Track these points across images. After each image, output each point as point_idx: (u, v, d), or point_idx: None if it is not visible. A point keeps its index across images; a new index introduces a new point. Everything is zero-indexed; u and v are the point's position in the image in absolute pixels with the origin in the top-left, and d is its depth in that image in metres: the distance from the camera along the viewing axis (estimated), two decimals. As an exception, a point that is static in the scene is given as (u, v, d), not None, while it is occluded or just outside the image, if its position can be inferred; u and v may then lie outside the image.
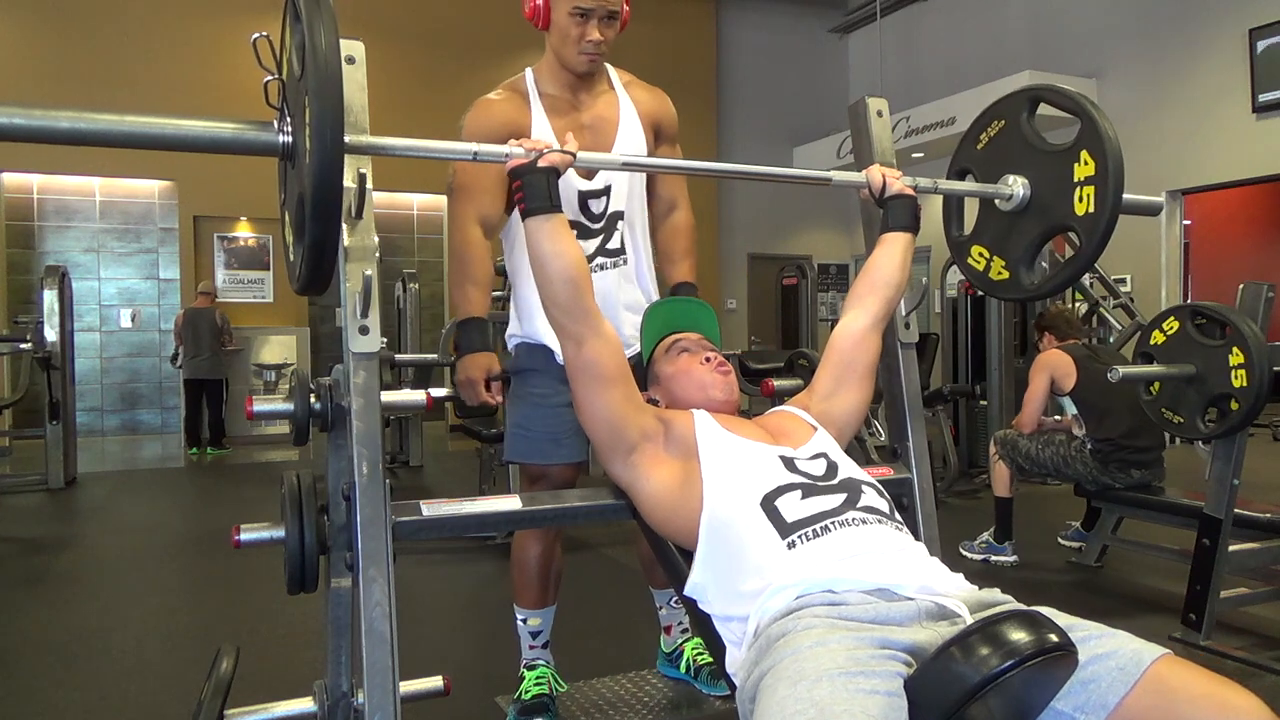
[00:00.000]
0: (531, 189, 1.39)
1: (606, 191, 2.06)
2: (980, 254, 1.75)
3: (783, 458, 1.43)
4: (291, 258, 1.32)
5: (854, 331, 1.64)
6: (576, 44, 1.97)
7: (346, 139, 1.16)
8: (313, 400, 1.39)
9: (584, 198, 2.04)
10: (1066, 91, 1.64)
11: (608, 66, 2.13)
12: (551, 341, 2.04)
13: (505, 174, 1.98)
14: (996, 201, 1.68)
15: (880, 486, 1.45)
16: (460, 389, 2.01)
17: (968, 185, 1.74)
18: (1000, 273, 1.71)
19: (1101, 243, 1.53)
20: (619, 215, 2.09)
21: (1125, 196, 1.56)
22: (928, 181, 1.68)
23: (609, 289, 2.05)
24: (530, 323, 2.06)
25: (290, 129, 1.22)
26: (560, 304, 1.44)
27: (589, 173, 2.04)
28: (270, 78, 1.27)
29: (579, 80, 2.05)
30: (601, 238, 2.07)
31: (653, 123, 2.14)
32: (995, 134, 1.74)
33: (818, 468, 1.43)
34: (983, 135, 1.76)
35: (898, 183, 1.65)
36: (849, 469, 1.45)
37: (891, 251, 1.66)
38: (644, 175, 2.15)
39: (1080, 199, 1.55)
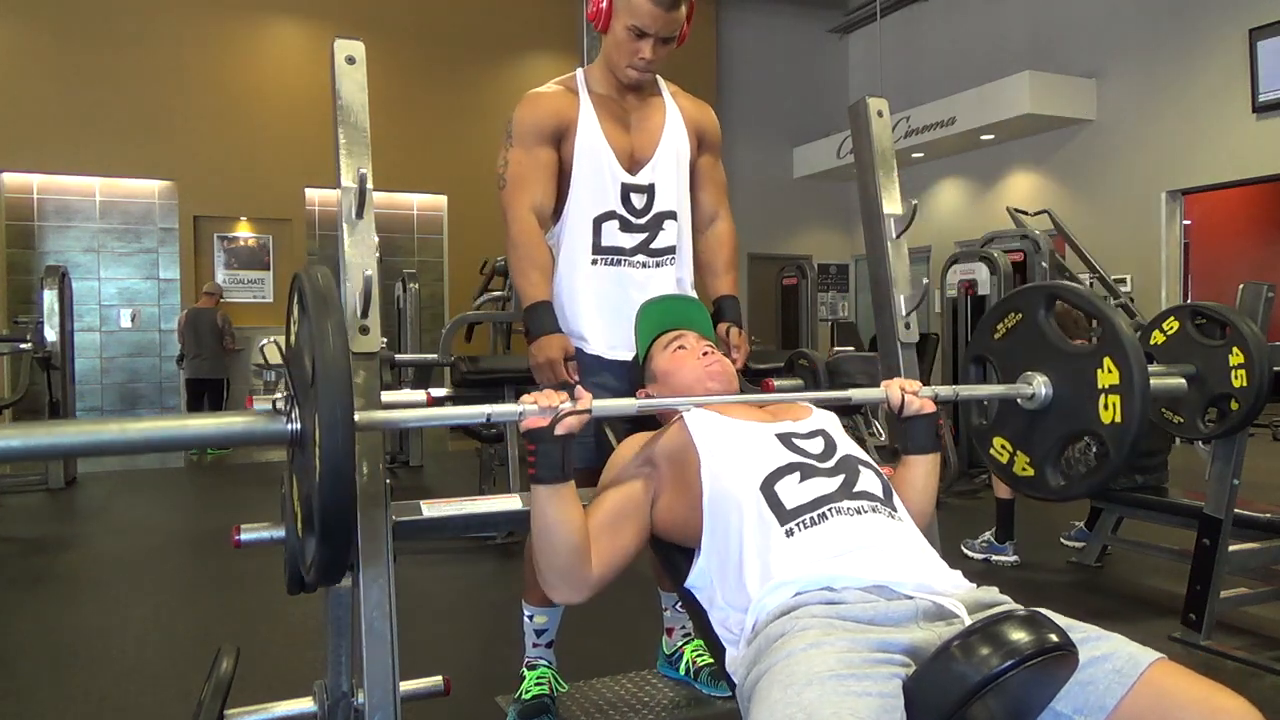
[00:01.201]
0: (545, 458, 1.32)
1: (650, 189, 2.07)
2: (1003, 447, 1.73)
3: (779, 435, 1.43)
4: (298, 543, 1.27)
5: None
6: (629, 58, 1.99)
7: (356, 417, 1.13)
8: (313, 401, 1.39)
9: (626, 190, 2.05)
10: (1082, 293, 1.63)
11: (657, 76, 2.16)
12: (585, 340, 2.05)
13: (554, 166, 2.02)
14: (1019, 400, 1.65)
15: (877, 466, 1.45)
16: (538, 371, 2.00)
17: (989, 389, 1.71)
18: (1025, 469, 1.68)
19: (1131, 452, 1.51)
20: (668, 215, 2.10)
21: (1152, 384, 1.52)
22: (948, 391, 1.61)
23: (650, 287, 2.06)
24: (566, 321, 2.07)
25: (298, 416, 1.20)
26: (559, 569, 1.36)
27: (633, 165, 2.05)
28: (279, 396, 1.26)
29: (628, 86, 2.07)
30: (647, 235, 2.08)
31: (697, 131, 2.16)
32: (1013, 326, 1.71)
33: (816, 445, 1.43)
34: (999, 326, 1.73)
35: (917, 400, 1.56)
36: (847, 447, 1.45)
37: (914, 480, 1.58)
38: (688, 178, 2.15)
39: (1105, 407, 1.52)
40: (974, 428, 1.82)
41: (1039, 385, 1.62)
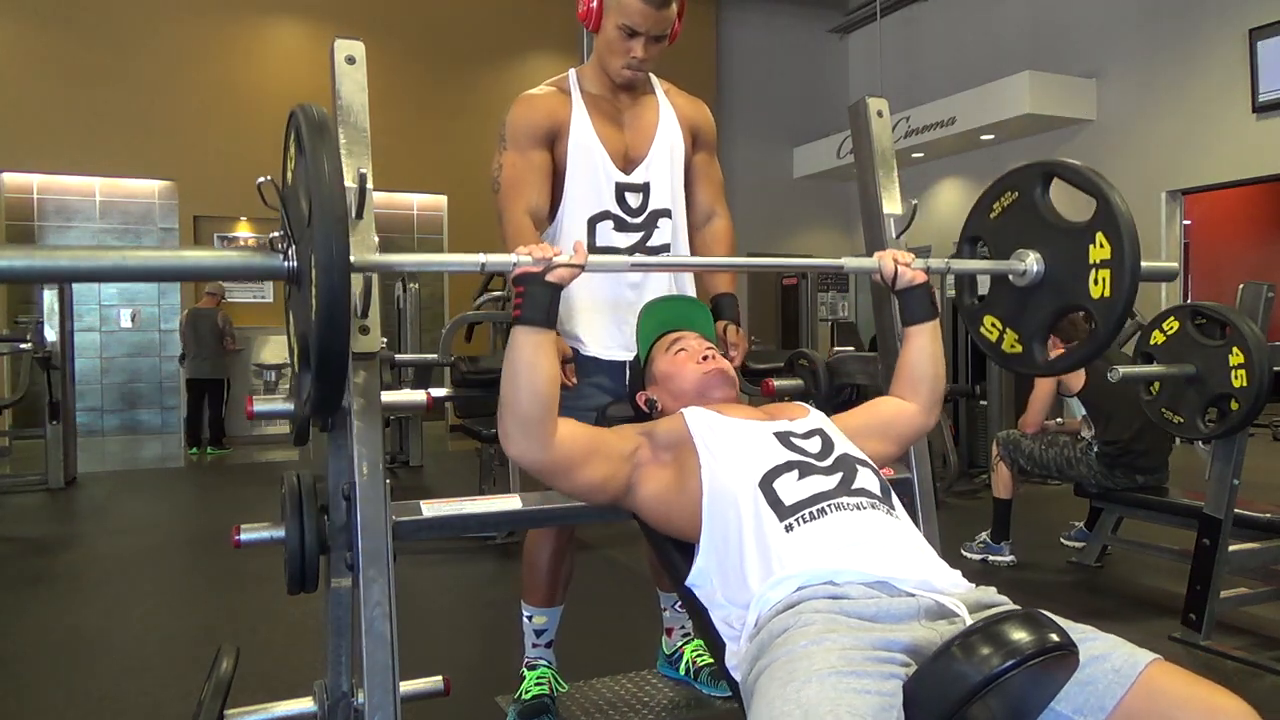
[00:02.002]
0: (532, 300, 1.34)
1: (645, 188, 2.08)
2: (993, 324, 1.73)
3: (777, 433, 1.44)
4: (297, 382, 1.29)
5: (905, 406, 1.63)
6: (620, 57, 2.00)
7: (352, 258, 1.14)
8: (313, 400, 1.39)
9: (621, 189, 2.06)
10: (1082, 170, 1.62)
11: (650, 75, 2.16)
12: (581, 341, 2.05)
13: (548, 168, 2.02)
14: (1010, 277, 1.66)
15: (874, 465, 1.45)
16: None
17: (980, 264, 1.72)
18: (1013, 346, 1.69)
19: (1118, 327, 1.52)
20: (663, 213, 2.10)
21: (1143, 265, 1.52)
22: (940, 263, 1.64)
23: (649, 286, 2.07)
24: (562, 323, 2.07)
25: (295, 254, 1.21)
26: (520, 415, 1.36)
27: (627, 164, 2.05)
28: (277, 234, 1.26)
29: (621, 85, 2.07)
30: (642, 234, 2.08)
31: (691, 129, 2.16)
32: (1008, 205, 1.71)
33: (813, 444, 1.43)
34: (995, 205, 1.73)
35: (909, 270, 1.59)
36: (843, 446, 1.45)
37: (919, 347, 1.61)
38: (682, 176, 2.15)
39: (1095, 282, 1.52)
40: (965, 308, 1.83)
41: (1031, 262, 1.62)
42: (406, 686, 1.63)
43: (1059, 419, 4.07)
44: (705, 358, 1.67)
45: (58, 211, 9.24)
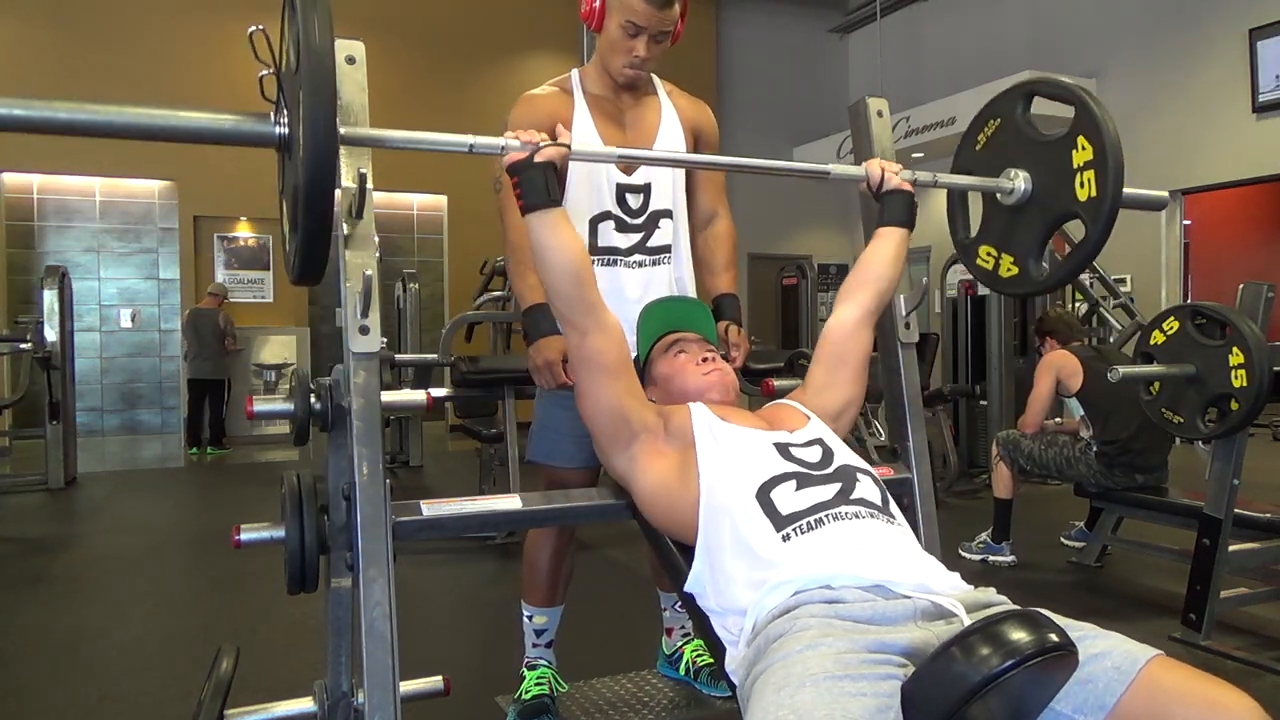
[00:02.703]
0: (529, 185, 1.40)
1: (646, 189, 2.08)
2: (988, 253, 1.75)
3: (777, 444, 1.44)
4: (287, 248, 1.33)
5: (845, 324, 1.65)
6: (624, 56, 1.99)
7: (341, 130, 1.17)
8: (313, 400, 1.39)
9: (621, 191, 2.06)
10: (1059, 81, 1.64)
11: (653, 75, 2.16)
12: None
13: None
14: (998, 196, 1.68)
15: (875, 474, 1.45)
16: (537, 373, 2.02)
17: (967, 180, 1.74)
18: (1009, 269, 1.71)
19: (1106, 226, 1.52)
20: (663, 214, 2.10)
21: (1128, 191, 1.55)
22: (927, 175, 1.68)
23: (651, 286, 2.07)
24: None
25: (286, 121, 1.23)
26: (563, 295, 1.46)
27: (628, 167, 2.06)
28: (265, 71, 1.27)
29: (623, 85, 2.08)
30: (643, 234, 2.08)
31: (693, 129, 2.16)
32: (993, 133, 1.73)
33: (812, 454, 1.43)
34: (980, 135, 1.76)
35: (895, 177, 1.65)
36: (844, 455, 1.45)
37: (885, 246, 1.67)
38: (684, 176, 2.16)
39: (1081, 184, 1.54)
40: (959, 243, 1.84)
41: (1019, 180, 1.64)
42: (406, 686, 1.63)
43: (1058, 419, 4.07)
44: (705, 359, 1.67)
45: (58, 211, 9.24)
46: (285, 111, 1.23)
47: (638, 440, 1.49)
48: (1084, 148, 1.54)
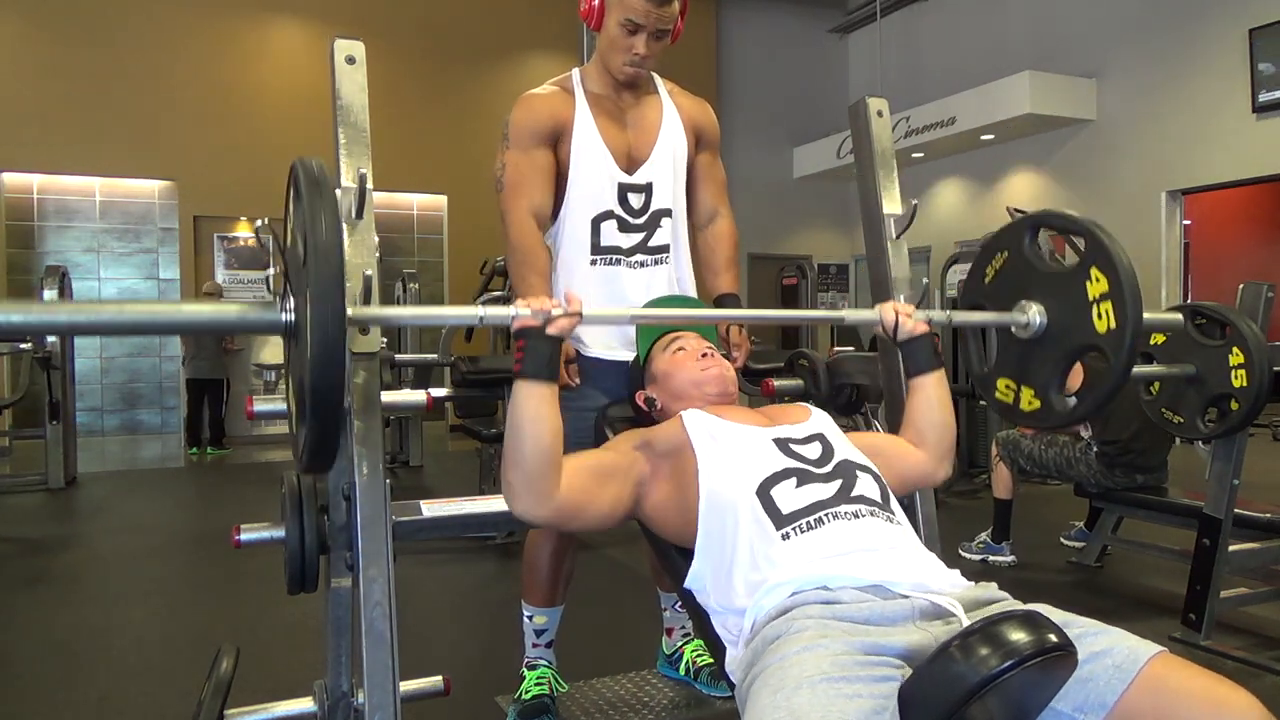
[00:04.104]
0: (533, 354, 1.32)
1: (648, 188, 2.07)
2: (1007, 386, 1.72)
3: (777, 440, 1.43)
4: (293, 432, 1.28)
5: (914, 452, 1.59)
6: (623, 54, 1.99)
7: (350, 312, 1.14)
8: (313, 400, 1.39)
9: (624, 190, 2.06)
10: (1066, 215, 1.63)
11: (654, 75, 2.16)
12: (582, 342, 2.05)
13: (551, 168, 2.01)
14: (1014, 330, 1.66)
15: (875, 470, 1.44)
16: None
17: (982, 316, 1.72)
18: (1031, 402, 1.68)
19: (1130, 357, 1.50)
20: (664, 213, 2.10)
21: (1146, 316, 1.51)
22: (941, 315, 1.63)
23: (650, 286, 2.07)
24: None
25: (293, 307, 1.21)
26: (524, 470, 1.33)
27: (630, 165, 2.05)
28: (272, 271, 1.26)
29: (623, 83, 2.07)
30: (644, 234, 2.08)
31: (694, 128, 2.16)
32: (1001, 265, 1.72)
33: (813, 451, 1.43)
34: (988, 269, 1.74)
35: (911, 321, 1.59)
36: (844, 451, 1.45)
37: (927, 397, 1.60)
38: (685, 176, 2.15)
39: (1099, 316, 1.52)
40: (977, 375, 1.82)
41: (1033, 313, 1.62)
42: (406, 686, 1.63)
43: (1059, 419, 4.07)
44: (704, 355, 1.67)
45: (58, 211, 9.24)
46: (292, 297, 1.21)
47: (639, 496, 1.47)
48: (1098, 279, 1.52)
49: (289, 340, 1.25)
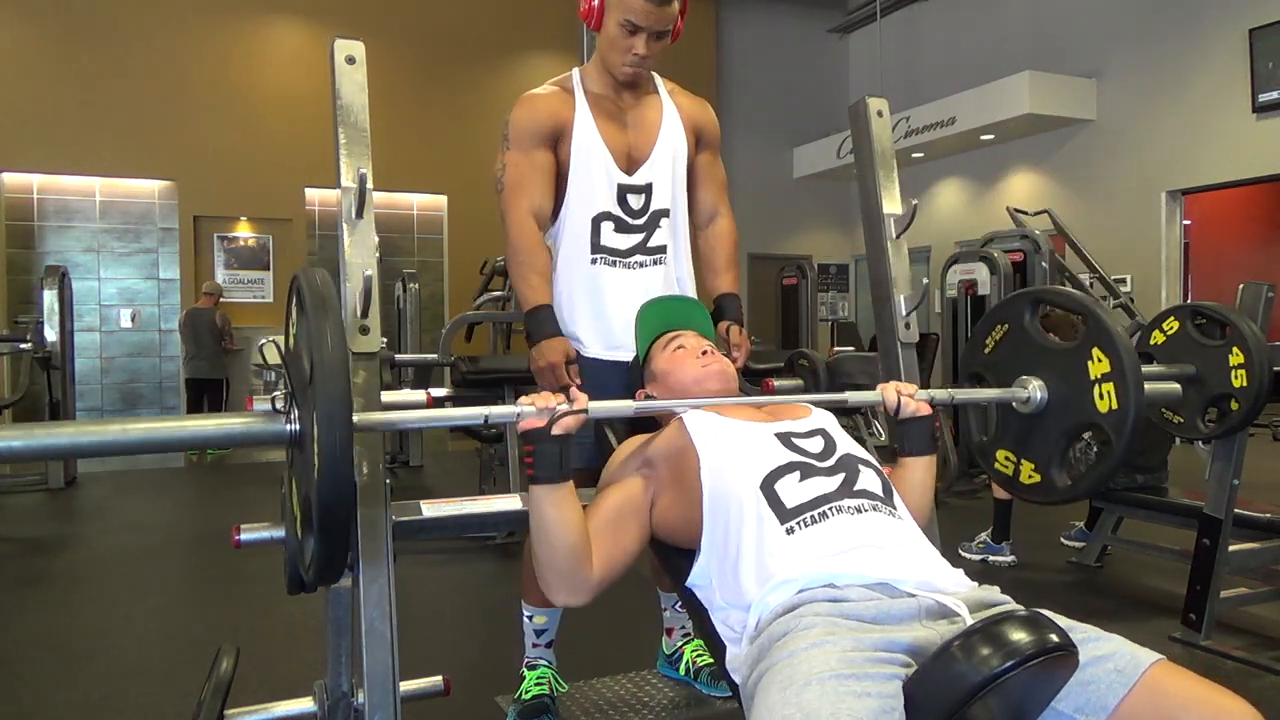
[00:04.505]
0: (543, 458, 1.32)
1: (648, 189, 2.07)
2: (1007, 458, 1.73)
3: (779, 434, 1.43)
4: (298, 544, 1.27)
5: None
6: (623, 54, 1.98)
7: (356, 419, 1.14)
8: (313, 401, 1.39)
9: (623, 191, 2.05)
10: (1067, 292, 1.66)
11: (654, 75, 2.16)
12: (582, 342, 2.05)
13: (551, 168, 2.01)
14: (1015, 405, 1.66)
15: (877, 465, 1.45)
16: (539, 375, 2.00)
17: (983, 393, 1.72)
18: (1031, 476, 1.69)
19: (1132, 437, 1.51)
20: (663, 213, 2.10)
21: (1147, 388, 1.53)
22: (944, 394, 1.62)
23: (652, 286, 2.07)
24: (564, 323, 2.06)
25: (297, 418, 1.21)
26: (558, 570, 1.34)
27: (630, 166, 2.05)
28: (274, 378, 1.27)
29: (624, 83, 2.07)
30: (643, 235, 2.08)
31: (694, 128, 2.16)
32: (1001, 338, 1.73)
33: (815, 445, 1.43)
34: (988, 340, 1.75)
35: (913, 402, 1.57)
36: (846, 445, 1.45)
37: (913, 481, 1.58)
38: (684, 176, 2.15)
39: (1101, 396, 1.54)
40: (976, 445, 1.83)
41: (1034, 389, 1.63)
42: (406, 686, 1.63)
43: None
44: (704, 353, 1.67)
45: (58, 211, 9.24)
46: (296, 407, 1.21)
47: (653, 508, 1.48)
48: (1099, 360, 1.54)
49: (292, 450, 1.25)
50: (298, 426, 1.20)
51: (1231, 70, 7.87)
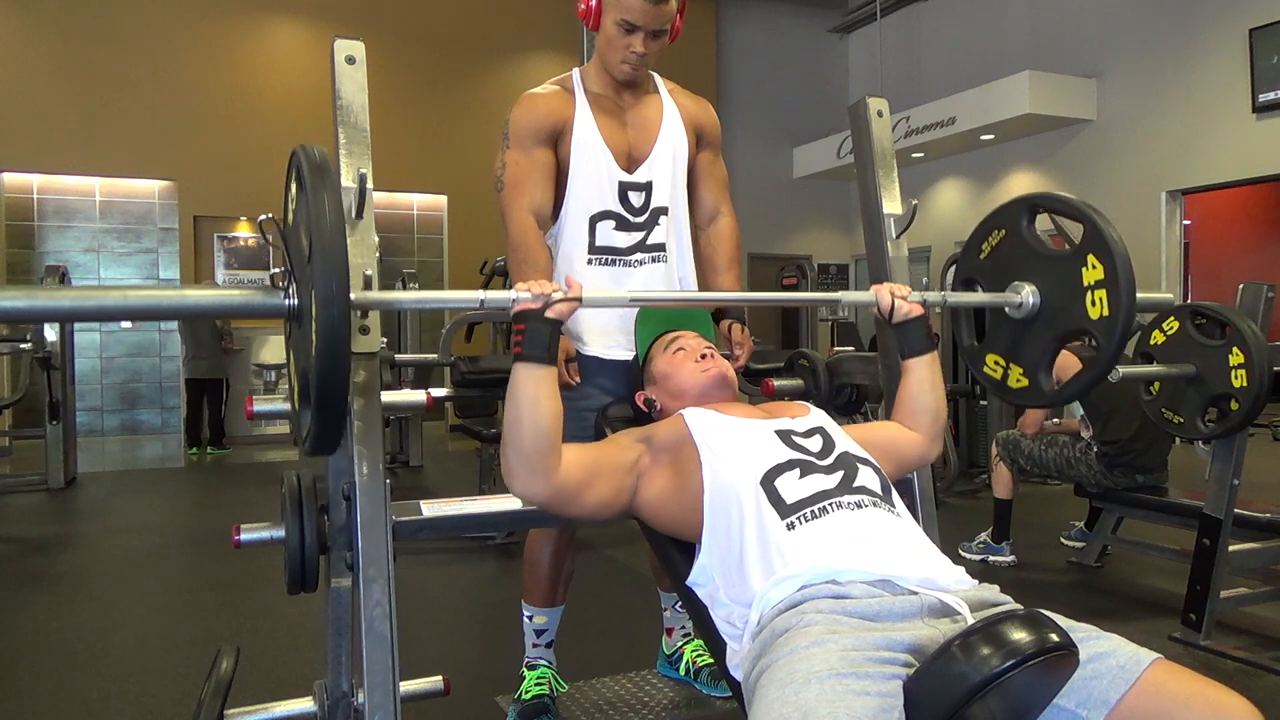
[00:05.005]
0: (532, 336, 1.34)
1: (648, 186, 2.08)
2: (996, 363, 1.73)
3: (778, 431, 1.44)
4: (297, 417, 1.29)
5: (910, 434, 1.64)
6: (620, 53, 1.99)
7: (353, 297, 1.15)
8: (313, 400, 1.39)
9: (624, 188, 2.06)
10: (1064, 198, 1.64)
11: (654, 74, 2.16)
12: (582, 341, 2.05)
13: (551, 167, 2.02)
14: (1007, 310, 1.67)
15: (875, 464, 1.45)
16: None
17: (977, 296, 1.72)
18: (1019, 380, 1.69)
19: (1121, 344, 1.52)
20: (662, 211, 2.10)
21: (1139, 296, 1.52)
22: (936, 296, 1.65)
23: (650, 284, 2.08)
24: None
25: (296, 291, 1.21)
26: (524, 452, 1.35)
27: (630, 164, 2.05)
28: (276, 271, 1.27)
29: (624, 83, 2.07)
30: (644, 232, 2.08)
31: (695, 127, 2.16)
32: (997, 243, 1.73)
33: (814, 443, 1.44)
34: (984, 245, 1.75)
35: (906, 303, 1.60)
36: (845, 444, 1.46)
37: (919, 379, 1.63)
38: (685, 175, 2.15)
39: (1093, 303, 1.53)
40: (966, 349, 1.82)
41: (1027, 294, 1.63)
42: (406, 686, 1.63)
43: (1057, 419, 4.07)
44: (704, 356, 1.67)
45: (57, 211, 9.24)
46: (295, 282, 1.22)
47: (637, 488, 1.47)
48: (1094, 266, 1.54)
49: (292, 325, 1.26)
50: (295, 301, 1.21)
51: (1231, 70, 7.87)
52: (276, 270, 1.27)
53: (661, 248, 2.11)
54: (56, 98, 8.81)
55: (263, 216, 1.27)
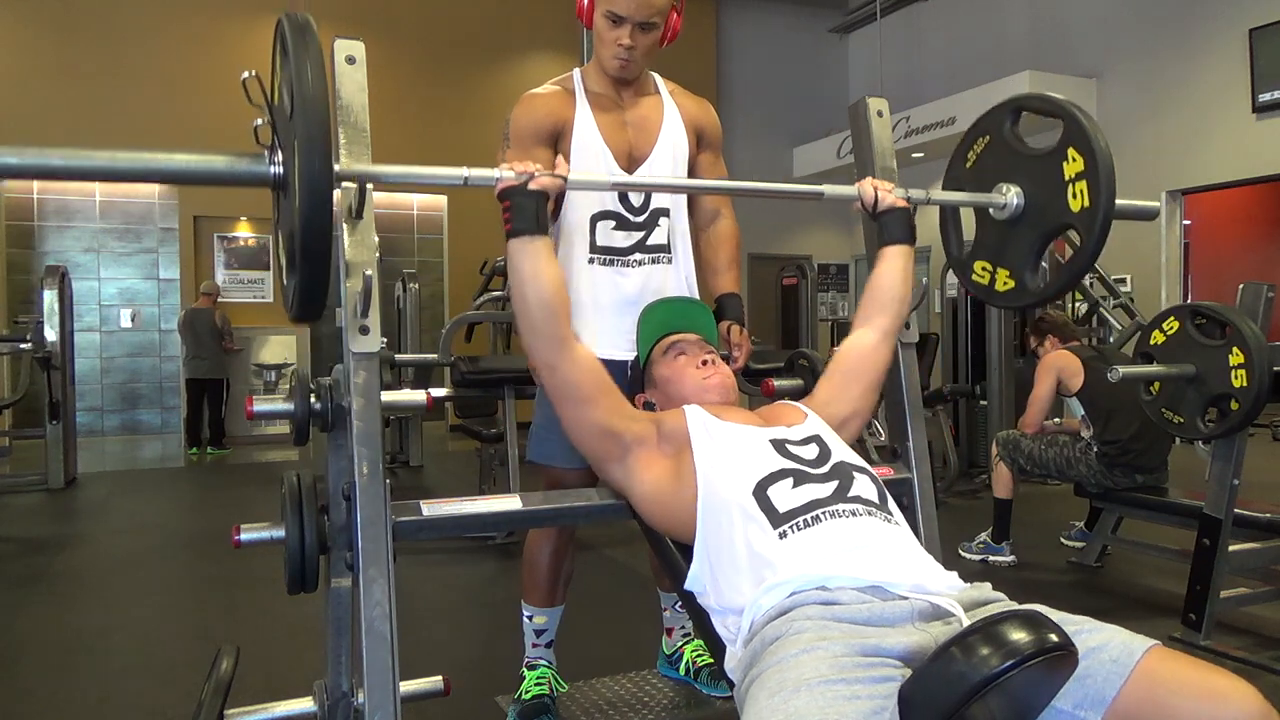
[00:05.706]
0: (519, 210, 1.39)
1: None
2: (984, 268, 1.75)
3: (773, 440, 1.44)
4: (285, 284, 1.32)
5: (864, 345, 1.65)
6: (609, 47, 2.00)
7: (336, 167, 1.17)
8: (313, 400, 1.39)
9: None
10: (1046, 96, 1.65)
11: (655, 75, 2.16)
12: (580, 340, 2.05)
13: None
14: (991, 211, 1.69)
15: (872, 472, 1.45)
16: (537, 374, 2.03)
17: (959, 196, 1.75)
18: (1006, 283, 1.71)
19: (1102, 235, 1.53)
20: (663, 211, 2.10)
21: (1120, 201, 1.55)
22: (919, 192, 1.68)
23: (650, 285, 2.07)
24: None
25: (281, 160, 1.22)
26: (535, 328, 1.44)
27: (631, 165, 2.06)
28: (259, 122, 1.27)
29: (624, 82, 2.07)
30: (644, 233, 2.08)
31: (696, 128, 2.16)
32: (981, 150, 1.75)
33: (809, 452, 1.43)
34: (969, 154, 1.77)
35: (890, 195, 1.64)
36: (841, 453, 1.45)
37: (892, 266, 1.67)
38: (685, 175, 2.16)
39: (1074, 195, 1.55)
40: (953, 260, 1.84)
41: (1011, 195, 1.65)
42: (406, 686, 1.63)
43: (1058, 419, 4.07)
44: (705, 362, 1.66)
45: (58, 211, 9.24)
46: (280, 150, 1.22)
47: (631, 453, 1.49)
48: (1074, 159, 1.55)
49: (277, 193, 1.27)
50: (281, 170, 1.22)
51: (1231, 70, 7.87)
52: (258, 123, 1.26)
53: (661, 248, 2.11)
54: (56, 98, 8.81)
55: (246, 74, 1.27)
